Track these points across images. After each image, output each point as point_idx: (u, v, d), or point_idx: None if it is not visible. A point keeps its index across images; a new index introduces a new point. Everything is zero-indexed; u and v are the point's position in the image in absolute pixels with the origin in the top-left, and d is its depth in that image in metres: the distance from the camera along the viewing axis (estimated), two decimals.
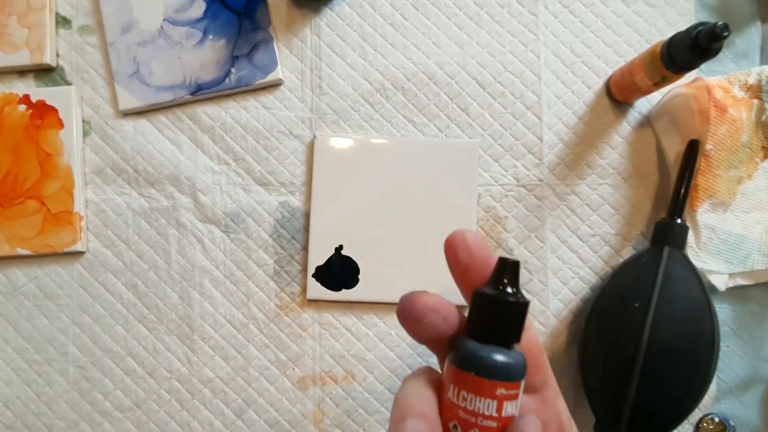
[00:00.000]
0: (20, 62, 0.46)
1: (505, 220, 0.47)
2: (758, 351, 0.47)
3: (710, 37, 0.35)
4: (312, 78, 0.48)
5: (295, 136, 0.48)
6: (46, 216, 0.46)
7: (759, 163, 0.45)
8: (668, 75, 0.40)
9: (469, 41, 0.49)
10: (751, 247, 0.45)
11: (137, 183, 0.47)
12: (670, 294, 0.40)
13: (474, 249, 0.25)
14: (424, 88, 0.48)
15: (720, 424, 0.46)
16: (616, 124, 0.48)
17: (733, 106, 0.43)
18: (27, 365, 0.46)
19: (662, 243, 0.43)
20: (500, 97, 0.48)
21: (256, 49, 0.47)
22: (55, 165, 0.46)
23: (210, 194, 0.47)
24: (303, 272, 0.47)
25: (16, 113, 0.46)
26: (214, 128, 0.47)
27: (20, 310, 0.46)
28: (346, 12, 0.48)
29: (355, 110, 0.48)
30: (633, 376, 0.39)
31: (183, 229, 0.47)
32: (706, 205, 0.45)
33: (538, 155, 0.48)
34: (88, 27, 0.48)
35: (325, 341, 0.46)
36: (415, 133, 0.48)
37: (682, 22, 0.49)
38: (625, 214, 0.48)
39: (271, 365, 0.46)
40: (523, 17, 0.49)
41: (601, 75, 0.49)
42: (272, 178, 0.47)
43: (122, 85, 0.47)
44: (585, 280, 0.47)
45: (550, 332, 0.47)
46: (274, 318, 0.46)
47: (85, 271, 0.46)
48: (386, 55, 0.48)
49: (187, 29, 0.47)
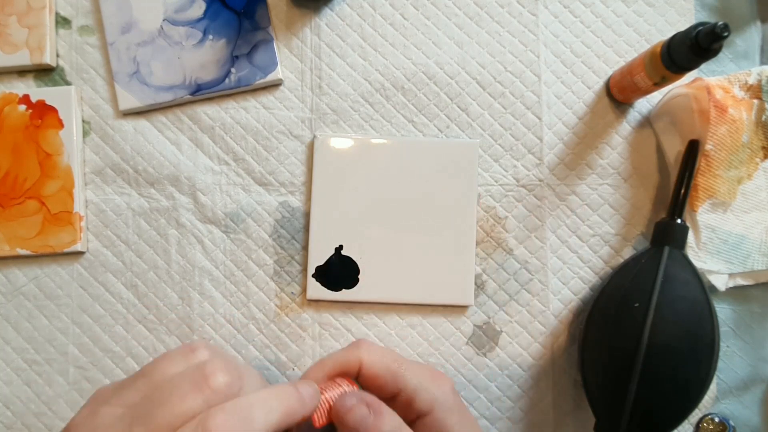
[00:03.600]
0: (20, 62, 0.46)
1: (505, 220, 0.47)
2: (758, 351, 0.47)
3: (710, 37, 0.35)
4: (312, 78, 0.48)
5: (295, 136, 0.48)
6: (46, 216, 0.46)
7: (759, 163, 0.45)
8: (668, 75, 0.40)
9: (469, 41, 0.49)
10: (751, 247, 0.45)
11: (137, 183, 0.47)
12: (670, 294, 0.40)
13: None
14: (424, 88, 0.48)
15: (720, 424, 0.46)
16: (616, 124, 0.48)
17: (733, 106, 0.43)
18: (27, 365, 0.46)
19: (662, 243, 0.43)
20: (500, 97, 0.48)
21: (256, 49, 0.47)
22: (55, 165, 0.46)
23: (210, 194, 0.47)
24: (303, 272, 0.47)
25: (15, 113, 0.46)
26: (214, 128, 0.47)
27: (20, 311, 0.46)
28: (346, 12, 0.48)
29: (355, 110, 0.48)
30: (633, 376, 0.39)
31: (183, 230, 0.47)
32: (706, 205, 0.45)
33: (538, 155, 0.48)
34: (88, 27, 0.48)
35: (325, 341, 0.46)
36: (415, 133, 0.48)
37: (682, 22, 0.49)
38: (625, 214, 0.48)
39: (271, 365, 0.46)
40: (523, 17, 0.49)
41: (601, 75, 0.49)
42: (272, 178, 0.47)
43: (122, 85, 0.47)
44: (585, 280, 0.47)
45: (550, 332, 0.47)
46: (274, 318, 0.46)
47: (85, 271, 0.46)
48: (386, 55, 0.48)
49: (187, 29, 0.47)
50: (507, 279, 0.47)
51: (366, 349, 0.32)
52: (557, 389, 0.47)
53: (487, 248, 0.47)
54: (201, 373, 0.25)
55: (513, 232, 0.47)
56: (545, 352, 0.47)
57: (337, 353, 0.33)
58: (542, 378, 0.47)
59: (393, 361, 0.32)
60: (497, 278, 0.47)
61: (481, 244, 0.47)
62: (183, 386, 0.24)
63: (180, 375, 0.25)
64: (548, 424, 0.46)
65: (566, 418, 0.47)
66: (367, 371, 0.32)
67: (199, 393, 0.24)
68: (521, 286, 0.47)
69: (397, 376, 0.31)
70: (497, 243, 0.47)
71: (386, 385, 0.32)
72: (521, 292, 0.47)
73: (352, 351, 0.32)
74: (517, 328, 0.47)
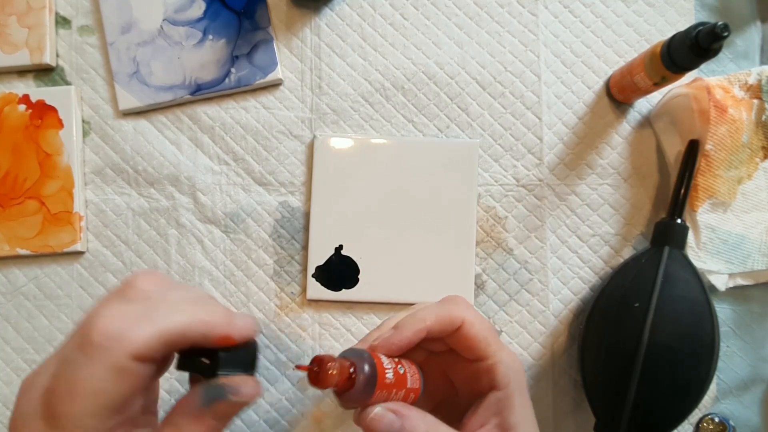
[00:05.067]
0: (20, 62, 0.46)
1: (505, 220, 0.47)
2: (758, 351, 0.47)
3: (710, 37, 0.35)
4: (312, 78, 0.48)
5: (295, 136, 0.48)
6: (45, 216, 0.46)
7: (759, 163, 0.45)
8: (668, 75, 0.40)
9: (469, 41, 0.49)
10: (751, 247, 0.45)
11: (137, 183, 0.47)
12: (670, 294, 0.40)
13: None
14: (424, 88, 0.48)
15: (720, 424, 0.46)
16: (616, 124, 0.48)
17: (733, 106, 0.43)
18: (27, 365, 0.46)
19: (662, 243, 0.43)
20: (500, 97, 0.48)
21: (256, 49, 0.47)
22: (54, 165, 0.46)
23: (210, 194, 0.47)
24: (303, 272, 0.47)
25: (15, 113, 0.46)
26: (214, 128, 0.47)
27: (20, 311, 0.46)
28: (346, 12, 0.48)
29: (355, 110, 0.48)
30: (633, 376, 0.39)
31: (183, 229, 0.47)
32: (706, 205, 0.45)
33: (538, 155, 0.48)
34: (87, 27, 0.48)
35: (325, 341, 0.46)
36: (415, 133, 0.48)
37: (682, 22, 0.49)
38: (625, 214, 0.48)
39: (271, 365, 0.46)
40: (523, 17, 0.49)
41: (601, 75, 0.49)
42: (272, 178, 0.47)
43: (122, 85, 0.47)
44: (585, 280, 0.47)
45: (550, 332, 0.47)
46: (274, 318, 0.46)
47: (84, 271, 0.46)
48: (386, 55, 0.48)
49: (186, 29, 0.47)
50: (507, 279, 0.47)
51: (466, 309, 0.32)
52: (557, 389, 0.47)
53: (487, 248, 0.47)
54: (127, 282, 0.26)
55: (513, 232, 0.47)
56: (545, 352, 0.47)
57: (438, 309, 0.31)
58: (542, 378, 0.47)
59: (489, 329, 0.32)
60: (497, 278, 0.47)
61: (481, 244, 0.47)
62: (109, 295, 0.26)
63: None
64: (548, 424, 0.46)
65: (566, 418, 0.47)
66: (466, 332, 0.31)
67: (118, 294, 0.26)
68: (521, 286, 0.47)
69: (490, 344, 0.31)
70: (497, 243, 0.47)
71: (478, 349, 0.31)
72: (521, 292, 0.47)
73: (454, 309, 0.32)
74: (517, 328, 0.47)
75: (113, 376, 0.23)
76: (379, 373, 0.28)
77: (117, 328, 0.23)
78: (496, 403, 0.32)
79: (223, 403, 0.26)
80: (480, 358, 0.32)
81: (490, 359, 0.32)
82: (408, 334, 0.30)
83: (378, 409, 0.28)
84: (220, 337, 0.26)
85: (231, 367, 0.27)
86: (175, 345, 0.25)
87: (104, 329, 0.23)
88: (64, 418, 0.23)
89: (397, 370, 0.29)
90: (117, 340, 0.23)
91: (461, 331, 0.32)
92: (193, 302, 0.26)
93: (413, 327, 0.30)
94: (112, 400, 0.23)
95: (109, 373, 0.23)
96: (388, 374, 0.28)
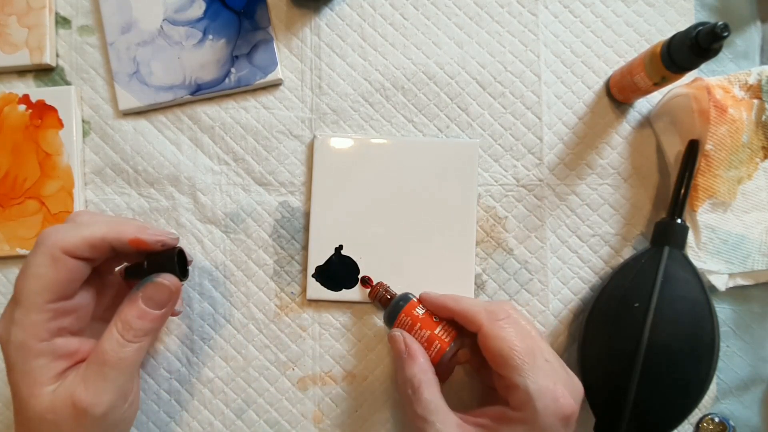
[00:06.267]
0: (20, 62, 0.46)
1: (505, 220, 0.47)
2: (758, 351, 0.47)
3: (710, 37, 0.35)
4: (312, 78, 0.48)
5: (295, 136, 0.48)
6: (45, 216, 0.46)
7: (759, 163, 0.45)
8: (668, 75, 0.40)
9: (469, 41, 0.49)
10: (751, 247, 0.45)
11: (137, 183, 0.47)
12: (670, 294, 0.40)
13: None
14: (424, 88, 0.48)
15: (720, 424, 0.46)
16: (616, 124, 0.48)
17: (733, 106, 0.43)
18: None
19: (662, 243, 0.43)
20: (500, 97, 0.48)
21: (256, 49, 0.47)
22: (54, 165, 0.46)
23: (210, 194, 0.47)
24: (303, 272, 0.47)
25: (15, 113, 0.46)
26: (214, 128, 0.47)
27: None
28: (346, 12, 0.48)
29: (355, 110, 0.48)
30: (633, 376, 0.39)
31: (183, 230, 0.47)
32: (706, 205, 0.45)
33: (538, 155, 0.48)
34: (87, 27, 0.48)
35: (325, 341, 0.46)
36: (415, 133, 0.48)
37: (682, 22, 0.49)
38: (625, 214, 0.48)
39: (270, 365, 0.46)
40: (523, 17, 0.49)
41: (601, 75, 0.49)
42: (272, 178, 0.47)
43: (122, 85, 0.47)
44: (585, 280, 0.47)
45: (550, 332, 0.47)
46: (273, 318, 0.46)
47: None
48: (386, 55, 0.48)
49: (186, 29, 0.47)
50: (507, 279, 0.47)
51: (493, 321, 0.36)
52: None
53: (487, 248, 0.47)
54: (68, 216, 0.36)
55: (513, 232, 0.47)
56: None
57: (474, 305, 0.38)
58: None
59: (519, 350, 0.34)
60: (497, 278, 0.47)
61: (481, 244, 0.47)
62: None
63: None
64: None
65: None
66: (482, 344, 0.36)
67: (63, 222, 0.35)
68: (521, 286, 0.47)
69: (514, 367, 0.34)
70: (497, 243, 0.47)
71: (495, 364, 0.35)
72: (521, 292, 0.47)
73: (483, 315, 0.36)
74: None
75: (49, 262, 0.31)
76: (409, 305, 0.40)
77: (53, 231, 0.33)
78: (501, 417, 0.33)
79: (150, 285, 0.34)
80: (500, 373, 0.33)
81: (507, 380, 0.34)
82: (437, 301, 0.40)
83: (397, 332, 0.39)
84: (132, 239, 0.33)
85: (158, 270, 0.35)
86: (97, 247, 0.32)
87: (45, 233, 0.33)
88: (19, 294, 0.32)
89: (430, 317, 0.40)
90: (51, 238, 0.32)
91: (479, 339, 0.35)
92: (114, 220, 0.35)
93: (443, 300, 0.39)
94: (50, 282, 0.31)
95: (46, 259, 0.31)
96: (418, 310, 0.40)
